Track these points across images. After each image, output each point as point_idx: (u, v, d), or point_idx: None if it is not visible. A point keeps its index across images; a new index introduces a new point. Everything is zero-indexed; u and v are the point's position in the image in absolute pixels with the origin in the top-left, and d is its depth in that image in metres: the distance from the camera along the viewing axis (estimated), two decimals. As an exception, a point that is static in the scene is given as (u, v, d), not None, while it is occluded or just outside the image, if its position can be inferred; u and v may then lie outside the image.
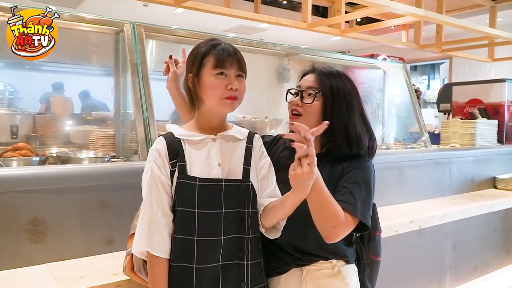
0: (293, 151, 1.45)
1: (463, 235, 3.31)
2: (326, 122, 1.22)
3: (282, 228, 1.32)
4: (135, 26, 2.23)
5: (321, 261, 1.39)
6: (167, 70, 1.62)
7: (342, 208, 1.27)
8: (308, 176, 1.15)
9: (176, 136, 1.30)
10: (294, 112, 1.42)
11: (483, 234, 3.49)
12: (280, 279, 1.41)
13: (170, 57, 1.63)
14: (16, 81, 3.41)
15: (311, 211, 1.27)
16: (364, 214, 1.31)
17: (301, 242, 1.38)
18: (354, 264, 1.46)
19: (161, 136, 1.31)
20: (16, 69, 3.29)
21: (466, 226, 3.28)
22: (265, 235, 1.34)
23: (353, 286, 1.42)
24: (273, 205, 1.29)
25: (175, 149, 1.28)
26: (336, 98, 1.39)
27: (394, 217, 2.47)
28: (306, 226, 1.33)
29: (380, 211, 1.52)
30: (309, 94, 1.40)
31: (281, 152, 1.49)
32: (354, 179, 1.35)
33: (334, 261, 1.40)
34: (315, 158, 1.15)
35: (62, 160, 2.11)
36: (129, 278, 1.41)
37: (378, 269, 1.54)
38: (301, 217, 1.33)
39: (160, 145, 1.28)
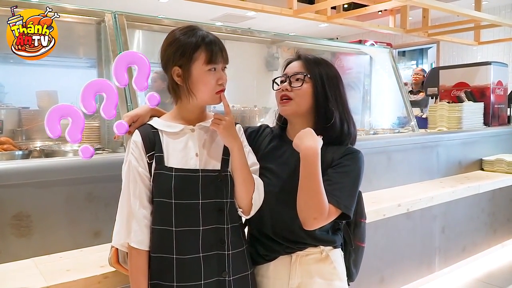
0: (281, 141, 1.46)
1: (452, 217, 3.35)
2: None
3: (257, 204, 1.33)
4: (116, 15, 2.20)
5: (309, 248, 1.40)
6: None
7: (328, 200, 1.28)
8: (231, 121, 1.28)
9: (154, 127, 1.30)
10: (284, 97, 1.41)
11: (471, 215, 3.54)
12: (269, 266, 1.42)
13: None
14: (0, 76, 3.36)
15: (298, 195, 1.28)
16: (348, 206, 1.32)
17: (290, 233, 1.38)
18: (340, 249, 1.48)
19: (136, 129, 1.30)
20: (0, 63, 3.23)
21: (454, 208, 3.32)
22: (245, 217, 1.36)
23: (341, 270, 1.44)
24: (233, 176, 1.30)
25: (151, 141, 1.27)
26: (326, 83, 1.40)
27: (382, 201, 2.49)
28: (295, 217, 1.33)
29: (368, 195, 1.53)
30: (297, 79, 1.40)
31: (269, 143, 1.49)
32: (343, 170, 1.35)
33: (321, 246, 1.41)
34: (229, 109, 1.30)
35: (46, 153, 2.09)
36: (115, 269, 1.41)
37: (362, 255, 1.56)
38: (289, 208, 1.34)
39: (136, 137, 1.28)
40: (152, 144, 1.27)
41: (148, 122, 1.33)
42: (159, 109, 1.40)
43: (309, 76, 1.40)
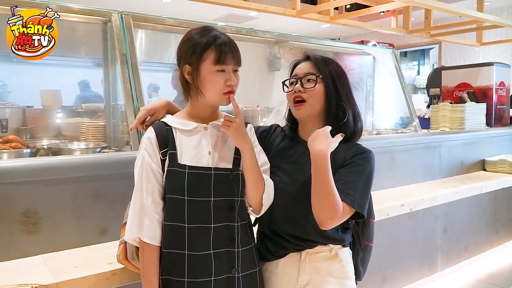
0: (293, 140, 1.48)
1: (454, 217, 3.36)
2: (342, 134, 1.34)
3: (267, 204, 1.34)
4: (123, 15, 2.22)
5: (319, 246, 1.41)
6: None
7: (341, 199, 1.29)
8: (242, 122, 1.29)
9: (167, 124, 1.31)
10: (297, 99, 1.42)
11: (473, 215, 3.55)
12: (279, 263, 1.44)
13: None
14: (5, 75, 3.37)
15: (312, 196, 1.30)
16: (361, 205, 1.34)
17: (300, 231, 1.40)
18: (349, 248, 1.49)
19: (151, 126, 1.32)
20: (5, 62, 3.25)
21: (456, 208, 3.33)
22: (255, 216, 1.37)
23: (349, 268, 1.45)
24: (245, 176, 1.32)
25: (164, 138, 1.29)
26: (338, 82, 1.42)
27: (385, 201, 2.50)
28: (305, 216, 1.35)
29: (372, 195, 1.54)
30: (308, 80, 1.42)
31: (280, 142, 1.51)
32: (356, 169, 1.37)
33: (331, 244, 1.42)
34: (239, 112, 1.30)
35: (53, 151, 2.10)
36: (123, 266, 1.42)
37: (370, 254, 1.58)
38: (300, 206, 1.36)
39: (150, 133, 1.30)
40: (166, 141, 1.28)
41: (162, 120, 1.35)
42: (175, 105, 1.41)
43: (321, 76, 1.41)
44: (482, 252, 3.63)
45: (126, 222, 1.34)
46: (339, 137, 1.34)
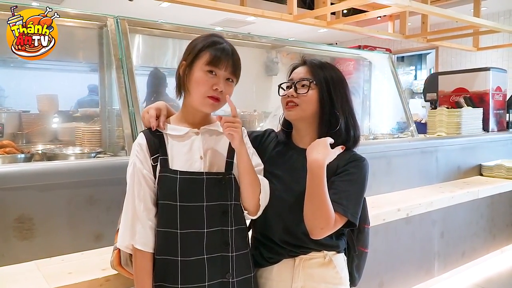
0: (286, 146, 1.47)
1: (451, 222, 3.36)
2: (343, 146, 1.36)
3: (263, 204, 1.34)
4: (118, 20, 2.21)
5: (313, 252, 1.41)
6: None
7: (334, 209, 1.29)
8: (239, 124, 1.25)
9: (158, 130, 1.31)
10: (289, 103, 1.42)
11: (471, 220, 3.55)
12: (273, 269, 1.43)
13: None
14: (1, 79, 3.37)
15: (305, 205, 1.30)
16: (354, 214, 1.33)
17: (294, 238, 1.39)
18: (343, 254, 1.48)
19: (141, 132, 1.32)
20: (1, 67, 3.24)
21: (453, 213, 3.33)
22: (252, 217, 1.37)
23: (343, 275, 1.45)
24: (239, 179, 1.31)
25: (155, 144, 1.28)
26: (332, 88, 1.41)
27: (382, 206, 2.50)
28: (299, 222, 1.34)
29: (368, 200, 1.54)
30: (303, 85, 1.41)
31: (274, 148, 1.50)
32: (349, 178, 1.36)
33: (325, 251, 1.42)
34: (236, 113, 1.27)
35: (48, 156, 2.09)
36: (117, 272, 1.42)
37: (365, 260, 1.57)
38: (293, 213, 1.36)
39: (141, 139, 1.30)
40: (157, 146, 1.28)
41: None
42: (170, 108, 1.41)
43: (314, 82, 1.40)
44: (479, 257, 3.63)
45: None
46: (338, 149, 1.34)
